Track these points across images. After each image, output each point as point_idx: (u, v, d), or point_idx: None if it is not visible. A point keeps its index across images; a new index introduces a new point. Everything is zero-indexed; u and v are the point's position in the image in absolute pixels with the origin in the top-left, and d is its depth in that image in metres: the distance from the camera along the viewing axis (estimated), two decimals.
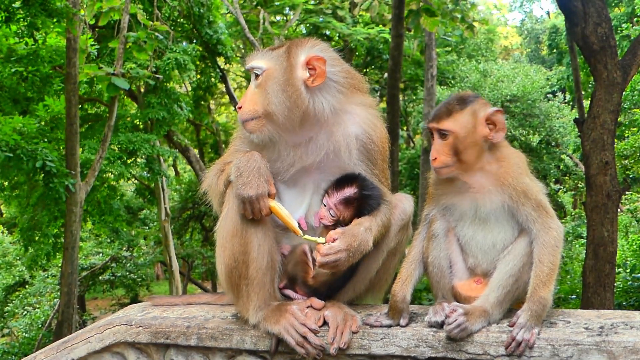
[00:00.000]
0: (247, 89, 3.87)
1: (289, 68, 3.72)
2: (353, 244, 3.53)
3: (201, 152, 31.25)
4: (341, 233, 3.56)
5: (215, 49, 23.05)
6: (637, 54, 10.29)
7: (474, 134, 3.42)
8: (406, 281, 3.60)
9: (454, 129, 3.41)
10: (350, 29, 24.86)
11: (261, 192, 3.57)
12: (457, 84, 31.26)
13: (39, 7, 13.92)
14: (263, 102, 3.72)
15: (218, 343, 3.83)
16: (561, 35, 29.80)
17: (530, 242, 3.40)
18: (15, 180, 19.14)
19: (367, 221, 3.67)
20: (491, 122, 3.42)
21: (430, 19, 14.48)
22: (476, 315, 3.30)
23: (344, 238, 3.53)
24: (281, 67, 3.73)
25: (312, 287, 3.78)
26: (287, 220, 3.66)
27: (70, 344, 4.26)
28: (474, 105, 3.46)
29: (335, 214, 3.74)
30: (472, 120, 3.42)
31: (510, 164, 3.46)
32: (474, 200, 3.52)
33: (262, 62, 3.78)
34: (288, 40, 4.13)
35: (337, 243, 3.52)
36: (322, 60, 3.71)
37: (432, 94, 22.65)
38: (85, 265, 28.80)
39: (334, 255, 3.49)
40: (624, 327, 3.10)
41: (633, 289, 16.47)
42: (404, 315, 3.52)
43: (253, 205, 3.56)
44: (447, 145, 3.44)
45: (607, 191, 10.08)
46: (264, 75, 3.75)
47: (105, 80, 14.27)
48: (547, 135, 29.80)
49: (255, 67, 3.78)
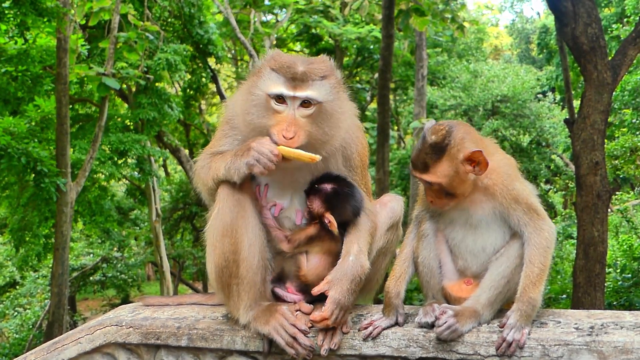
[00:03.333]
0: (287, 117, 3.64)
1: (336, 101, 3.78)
2: (350, 286, 3.55)
3: (191, 153, 31.21)
4: (330, 281, 3.57)
5: (206, 49, 23.02)
6: (627, 55, 10.33)
7: (458, 176, 3.36)
8: (400, 278, 3.60)
9: (436, 180, 3.37)
10: (341, 29, 24.86)
11: (258, 141, 3.55)
12: (447, 84, 31.32)
13: (29, 7, 13.87)
14: (315, 134, 3.66)
15: (209, 344, 3.82)
16: (551, 35, 29.81)
17: (522, 244, 3.39)
18: (5, 181, 19.06)
19: (355, 243, 3.68)
20: (471, 160, 3.34)
21: (420, 18, 14.50)
22: (466, 316, 3.30)
23: (336, 285, 3.55)
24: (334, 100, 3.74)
25: (304, 284, 3.79)
26: (300, 154, 3.56)
27: (60, 344, 4.25)
28: (450, 151, 3.35)
29: (307, 203, 3.77)
30: (452, 166, 3.35)
31: (500, 174, 3.44)
32: (464, 209, 3.52)
33: (317, 94, 3.64)
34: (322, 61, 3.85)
35: (332, 293, 3.52)
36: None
37: (423, 94, 22.65)
38: (76, 265, 28.75)
39: (337, 310, 3.49)
40: (614, 327, 3.11)
41: (623, 289, 16.53)
42: (400, 312, 3.52)
43: (262, 154, 3.49)
44: (437, 191, 3.43)
45: (597, 191, 10.13)
46: (317, 107, 3.65)
47: (96, 80, 14.26)
48: (538, 135, 29.86)
49: (312, 98, 3.63)
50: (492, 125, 28.91)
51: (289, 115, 3.60)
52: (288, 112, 3.61)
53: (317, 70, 3.67)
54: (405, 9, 14.73)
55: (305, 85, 3.61)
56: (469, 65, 32.04)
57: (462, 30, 17.08)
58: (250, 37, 24.50)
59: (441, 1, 16.65)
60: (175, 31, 22.87)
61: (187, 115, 28.12)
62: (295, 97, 3.60)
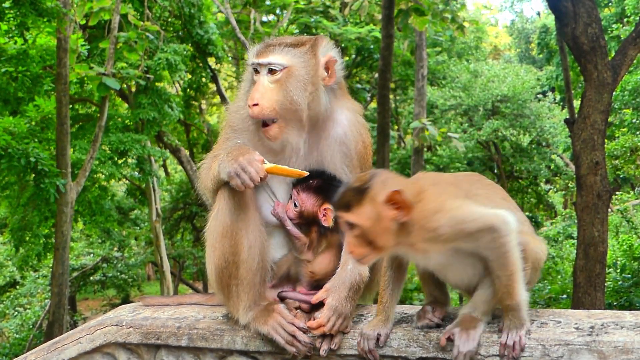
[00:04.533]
0: (256, 85, 3.72)
1: (315, 67, 3.69)
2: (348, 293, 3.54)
3: (192, 153, 31.21)
4: (328, 289, 3.57)
5: (206, 49, 23.03)
6: (627, 54, 10.34)
7: (380, 223, 3.07)
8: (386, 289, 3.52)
9: (358, 221, 3.08)
10: (341, 29, 24.85)
11: (249, 156, 3.47)
12: (447, 84, 31.33)
13: (29, 7, 13.87)
14: (282, 101, 3.65)
15: (209, 343, 3.82)
16: (551, 35, 29.84)
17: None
18: (5, 181, 19.07)
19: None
20: (394, 202, 3.03)
21: (420, 18, 14.52)
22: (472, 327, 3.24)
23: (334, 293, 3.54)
24: (306, 66, 3.69)
25: (315, 281, 3.79)
26: (289, 170, 3.59)
27: (61, 344, 4.25)
28: (371, 192, 3.07)
29: (299, 204, 3.75)
30: (374, 209, 3.06)
31: (430, 217, 3.10)
32: (424, 256, 3.29)
33: (284, 59, 3.68)
34: (303, 36, 3.99)
35: (329, 300, 3.51)
36: (336, 62, 3.75)
37: (423, 94, 22.69)
38: (76, 265, 28.81)
39: (334, 317, 3.48)
40: (614, 327, 3.10)
41: (623, 289, 16.54)
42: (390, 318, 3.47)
43: (246, 171, 3.42)
44: (358, 238, 3.12)
45: (597, 191, 10.13)
46: (284, 72, 3.66)
47: (96, 80, 14.28)
48: (538, 135, 29.87)
49: (275, 62, 3.67)
50: (492, 125, 28.91)
51: (257, 83, 3.70)
52: (258, 79, 3.71)
53: (287, 39, 3.77)
54: (405, 9, 14.75)
55: (269, 52, 3.70)
56: (469, 65, 32.05)
57: (462, 30, 17.11)
58: (250, 37, 24.50)
59: (441, 1, 16.66)
60: (175, 31, 22.90)
61: (187, 115, 28.14)
62: (260, 64, 3.70)
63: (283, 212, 3.81)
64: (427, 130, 21.60)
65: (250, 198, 3.74)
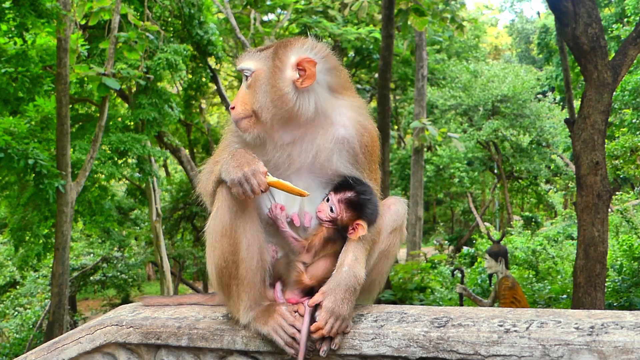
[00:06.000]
0: (239, 90, 3.87)
1: (275, 69, 3.71)
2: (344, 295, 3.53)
3: (192, 153, 31.22)
4: (324, 292, 3.56)
5: (206, 49, 23.06)
6: (627, 55, 10.34)
7: None
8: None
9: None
10: (340, 29, 24.89)
11: (254, 167, 3.47)
12: (447, 84, 31.38)
13: (28, 7, 13.87)
14: (252, 103, 3.71)
15: (209, 343, 3.82)
16: (551, 35, 29.88)
17: None
18: (5, 181, 19.09)
19: (350, 252, 3.65)
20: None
21: (419, 18, 14.53)
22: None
23: (330, 295, 3.53)
24: (268, 68, 3.73)
25: (306, 288, 3.78)
26: (291, 187, 3.57)
27: (61, 344, 4.25)
28: None
29: (336, 211, 3.70)
30: None
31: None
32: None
33: (251, 63, 3.77)
34: (280, 40, 4.10)
35: (325, 303, 3.50)
36: (312, 62, 3.67)
37: (423, 94, 22.74)
38: (77, 265, 28.83)
39: (331, 320, 3.47)
40: (614, 327, 3.11)
41: (624, 289, 16.54)
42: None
43: (249, 182, 3.44)
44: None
45: (597, 191, 10.13)
46: (252, 76, 3.74)
47: (96, 80, 14.29)
48: (538, 135, 29.92)
49: (245, 68, 3.79)
50: (492, 125, 28.95)
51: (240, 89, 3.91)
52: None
53: (263, 46, 3.93)
54: (405, 9, 14.76)
55: (243, 58, 3.86)
56: (469, 65, 32.09)
57: (462, 30, 17.12)
58: (250, 37, 24.50)
59: (441, 1, 16.67)
60: (175, 31, 22.91)
61: (188, 115, 28.19)
62: (239, 70, 3.88)
63: (280, 214, 3.80)
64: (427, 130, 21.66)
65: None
